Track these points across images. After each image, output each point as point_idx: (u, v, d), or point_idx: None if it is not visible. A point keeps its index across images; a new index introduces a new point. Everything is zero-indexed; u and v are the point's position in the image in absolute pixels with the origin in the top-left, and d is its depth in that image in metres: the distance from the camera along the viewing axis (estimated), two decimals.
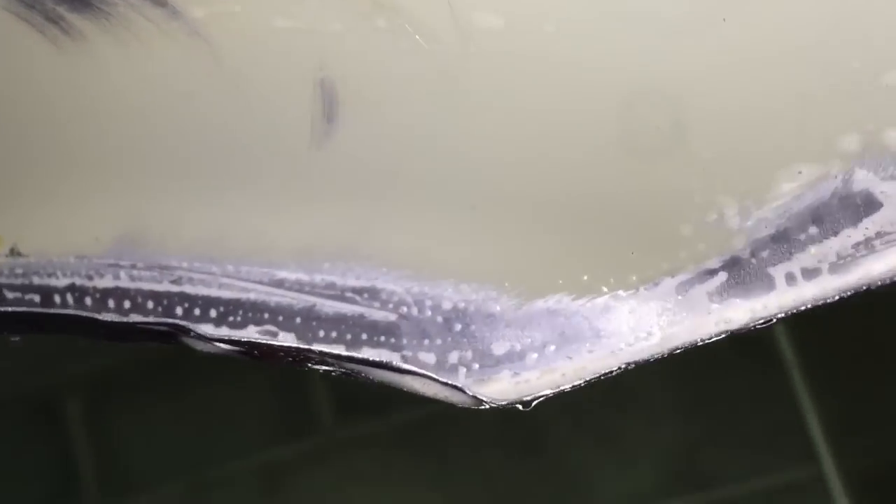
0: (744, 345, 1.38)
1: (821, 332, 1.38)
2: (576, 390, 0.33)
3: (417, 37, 0.34)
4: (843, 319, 1.36)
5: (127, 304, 0.41)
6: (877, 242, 0.30)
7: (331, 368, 0.36)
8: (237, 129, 0.39)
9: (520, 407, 0.34)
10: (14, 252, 0.43)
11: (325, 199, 0.38)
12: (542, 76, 0.33)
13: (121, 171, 0.41)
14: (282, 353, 0.35)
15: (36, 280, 0.41)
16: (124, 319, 0.38)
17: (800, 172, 0.31)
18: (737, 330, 0.32)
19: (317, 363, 0.36)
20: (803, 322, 1.37)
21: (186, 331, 0.36)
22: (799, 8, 0.30)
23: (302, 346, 0.35)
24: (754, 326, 0.31)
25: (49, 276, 0.42)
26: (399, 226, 0.37)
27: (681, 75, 0.32)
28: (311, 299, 0.38)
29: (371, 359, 0.34)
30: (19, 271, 0.42)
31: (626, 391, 1.36)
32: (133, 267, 0.41)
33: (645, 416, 1.36)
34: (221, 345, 0.37)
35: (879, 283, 0.30)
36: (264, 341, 0.36)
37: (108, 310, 0.41)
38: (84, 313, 0.40)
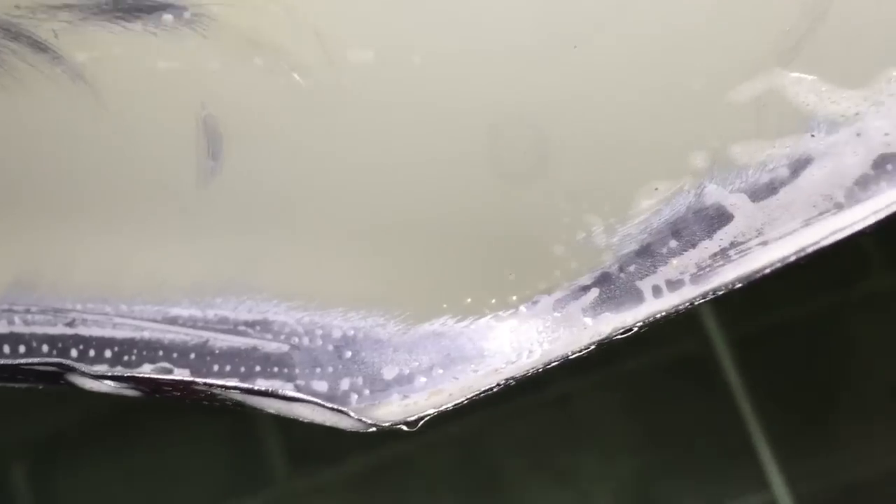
0: (693, 375, 1.40)
1: (767, 360, 1.41)
2: (459, 408, 0.35)
3: (294, 73, 0.36)
4: (789, 346, 1.38)
5: (22, 349, 0.42)
6: (731, 252, 0.32)
7: (219, 400, 0.37)
8: (124, 170, 0.40)
9: (404, 427, 0.35)
10: None
11: (213, 234, 0.39)
12: (412, 105, 0.35)
13: (6, 216, 0.41)
14: (167, 387, 0.36)
15: None
16: (10, 361, 0.39)
17: (656, 189, 0.33)
18: (605, 339, 0.33)
19: (206, 397, 0.37)
20: (750, 350, 1.39)
21: (71, 369, 0.37)
22: (640, 35, 0.32)
23: (186, 378, 0.36)
24: (623, 334, 0.33)
25: None
26: (287, 257, 0.38)
27: (541, 102, 0.33)
28: (205, 334, 0.39)
29: (256, 388, 0.35)
30: None
31: (580, 427, 1.37)
32: (27, 311, 0.42)
33: (599, 451, 1.37)
34: (107, 382, 0.37)
35: (735, 287, 0.32)
36: (148, 376, 0.36)
37: (2, 355, 0.42)
38: None
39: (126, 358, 0.41)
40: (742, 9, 0.32)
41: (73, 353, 0.41)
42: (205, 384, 0.36)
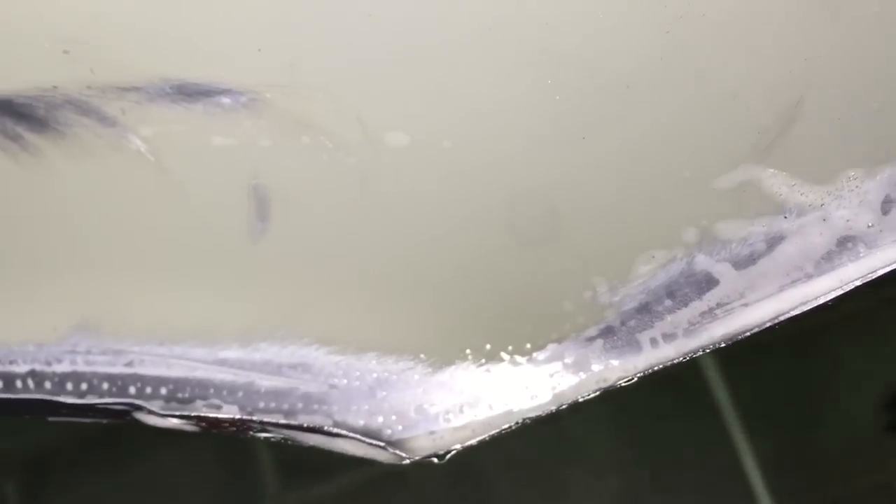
0: (681, 393, 1.45)
1: (753, 377, 1.46)
2: (500, 438, 0.41)
3: (337, 152, 0.43)
4: (775, 363, 1.44)
5: (84, 387, 0.48)
6: (718, 311, 0.39)
7: (270, 434, 0.43)
8: (180, 228, 0.46)
9: (435, 460, 0.42)
10: None
11: (261, 287, 0.46)
12: (441, 181, 0.42)
13: (74, 267, 0.48)
14: (226, 424, 0.43)
15: None
16: (83, 401, 0.45)
17: (653, 257, 0.40)
18: (610, 386, 0.40)
19: (258, 431, 0.43)
20: (737, 367, 1.45)
21: (140, 408, 0.43)
22: (640, 130, 0.39)
23: (244, 417, 0.43)
24: (626, 381, 0.40)
25: (10, 363, 0.49)
26: (328, 308, 0.45)
27: (554, 180, 0.41)
28: (251, 375, 0.46)
29: (306, 425, 0.42)
30: None
31: (570, 443, 1.42)
32: (88, 352, 0.48)
33: (589, 468, 1.41)
34: (172, 419, 0.44)
35: (722, 342, 0.39)
36: (210, 415, 0.43)
37: (66, 392, 0.48)
38: (46, 396, 0.47)
39: (180, 395, 0.47)
40: (725, 112, 0.39)
41: (131, 390, 0.48)
42: (259, 422, 0.43)
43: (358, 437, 0.41)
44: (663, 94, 0.37)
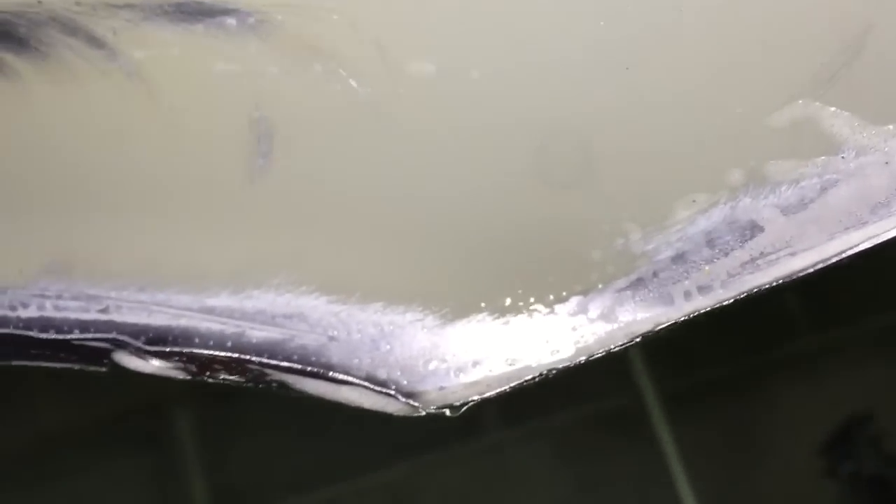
0: (624, 429, 1.44)
1: (696, 416, 1.46)
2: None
3: (351, 80, 0.39)
4: (717, 404, 1.44)
5: (52, 334, 0.44)
6: (760, 261, 0.36)
7: (268, 383, 0.39)
8: (171, 164, 0.43)
9: (447, 412, 0.38)
10: None
11: (257, 229, 0.42)
12: (466, 116, 0.39)
13: (47, 204, 0.44)
14: (219, 366, 0.39)
15: None
16: (59, 336, 0.41)
17: (694, 201, 0.37)
18: (635, 339, 0.37)
19: (255, 379, 0.39)
20: (680, 406, 1.44)
21: (123, 345, 0.39)
22: (690, 61, 0.36)
23: (242, 356, 0.38)
24: (656, 332, 0.37)
25: None
26: (330, 254, 0.41)
27: (589, 117, 0.38)
28: (242, 325, 0.42)
29: (309, 369, 0.38)
30: None
31: (511, 477, 1.40)
32: (59, 297, 0.44)
33: (530, 502, 1.39)
34: (154, 361, 0.40)
35: (758, 290, 0.36)
36: (204, 352, 0.39)
37: (34, 341, 0.43)
38: (17, 331, 0.42)
39: (161, 345, 0.43)
40: (784, 40, 0.36)
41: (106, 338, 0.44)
42: (259, 363, 0.39)
43: (365, 384, 0.37)
44: (717, 18, 0.34)
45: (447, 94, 0.38)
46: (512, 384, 0.39)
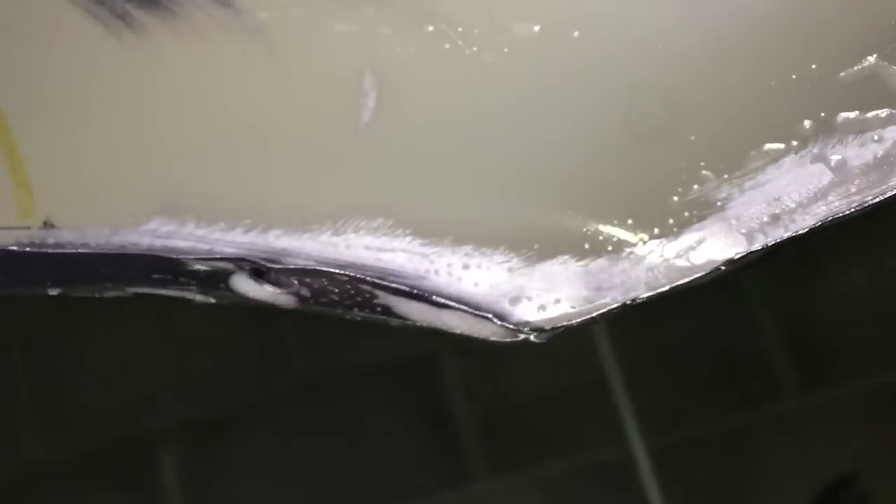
0: (612, 483, 1.47)
1: (685, 473, 1.48)
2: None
3: (459, 41, 0.45)
4: (706, 461, 1.48)
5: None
6: (825, 199, 0.42)
7: (373, 307, 0.44)
8: (284, 116, 0.47)
9: (533, 338, 0.43)
10: (48, 224, 0.49)
11: (359, 178, 0.47)
12: (564, 73, 0.44)
13: (164, 151, 0.48)
14: (333, 287, 0.43)
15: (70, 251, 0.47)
16: (185, 257, 0.45)
17: (766, 150, 0.43)
18: (707, 275, 0.42)
19: (362, 304, 0.44)
20: (669, 462, 1.47)
21: (246, 265, 0.43)
22: (770, 25, 0.42)
23: (358, 275, 0.43)
24: (721, 269, 0.42)
25: (81, 246, 0.48)
26: (425, 201, 0.46)
27: (675, 74, 0.43)
28: (350, 255, 0.46)
29: (416, 292, 0.42)
30: (51, 241, 0.48)
31: None
32: (168, 238, 0.48)
33: None
34: (269, 287, 0.44)
35: (822, 224, 0.41)
36: (324, 268, 0.43)
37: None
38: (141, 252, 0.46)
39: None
40: (855, 6, 0.42)
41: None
42: (372, 282, 0.43)
43: (465, 308, 0.42)
44: None
45: (548, 53, 0.44)
46: (592, 315, 0.44)
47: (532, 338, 0.44)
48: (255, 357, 1.51)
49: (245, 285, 0.46)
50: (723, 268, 0.43)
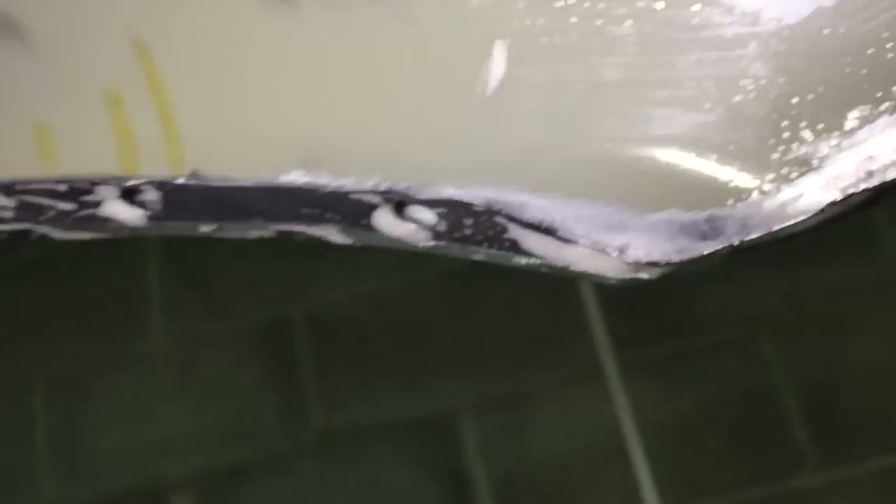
0: None
1: None
2: None
3: (586, 14, 0.51)
4: None
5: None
6: None
7: (500, 241, 0.49)
8: (418, 79, 0.53)
9: (645, 276, 0.48)
10: (194, 175, 0.55)
11: (488, 134, 0.52)
12: (683, 42, 0.50)
13: (304, 110, 0.54)
14: (469, 219, 0.48)
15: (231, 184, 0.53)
16: (336, 189, 0.50)
17: (862, 113, 0.48)
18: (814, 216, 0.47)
19: (494, 238, 0.49)
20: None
21: (404, 196, 0.49)
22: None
23: (493, 208, 0.48)
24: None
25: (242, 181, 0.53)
26: (547, 158, 0.52)
27: (785, 40, 0.49)
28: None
29: (544, 226, 0.48)
30: (213, 176, 0.54)
31: None
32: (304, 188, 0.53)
33: None
34: (409, 224, 0.49)
35: None
36: (464, 199, 0.48)
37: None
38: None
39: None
40: None
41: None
42: (506, 214, 0.48)
43: (590, 246, 0.47)
44: None
45: (672, 23, 0.50)
46: (703, 253, 0.49)
47: (645, 275, 0.49)
48: (274, 408, 1.54)
49: (386, 221, 0.51)
50: (824, 211, 0.48)
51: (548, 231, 0.49)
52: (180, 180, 0.52)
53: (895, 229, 1.37)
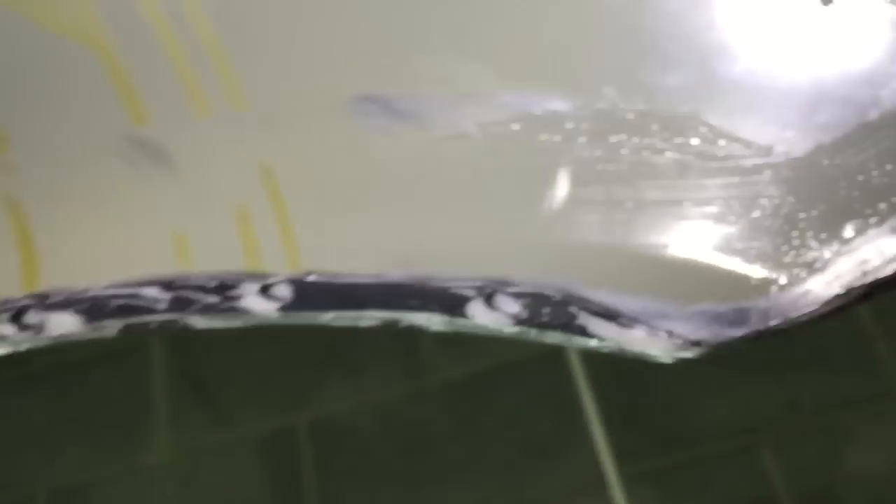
0: None
1: None
2: None
3: (637, 144, 0.65)
4: None
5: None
6: None
7: (574, 325, 0.62)
8: (494, 197, 0.67)
9: (689, 354, 0.61)
10: (312, 272, 0.68)
11: (556, 243, 0.66)
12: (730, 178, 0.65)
13: (400, 222, 0.67)
14: (547, 309, 0.61)
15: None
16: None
17: (855, 225, 0.62)
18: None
19: (565, 323, 0.61)
20: None
21: (495, 288, 0.61)
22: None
23: (567, 298, 0.61)
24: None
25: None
26: (613, 261, 0.65)
27: (792, 168, 0.64)
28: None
29: (609, 312, 0.61)
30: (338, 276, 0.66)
31: None
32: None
33: None
34: (496, 313, 0.62)
35: None
36: (534, 290, 0.61)
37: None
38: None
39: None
40: None
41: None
42: (576, 304, 0.61)
43: (644, 329, 0.60)
44: None
45: (704, 153, 0.64)
46: (736, 336, 0.62)
47: (689, 354, 0.62)
48: None
49: (479, 310, 0.64)
50: (829, 303, 0.61)
51: (611, 317, 0.62)
52: (311, 277, 0.65)
53: (888, 341, 1.41)
